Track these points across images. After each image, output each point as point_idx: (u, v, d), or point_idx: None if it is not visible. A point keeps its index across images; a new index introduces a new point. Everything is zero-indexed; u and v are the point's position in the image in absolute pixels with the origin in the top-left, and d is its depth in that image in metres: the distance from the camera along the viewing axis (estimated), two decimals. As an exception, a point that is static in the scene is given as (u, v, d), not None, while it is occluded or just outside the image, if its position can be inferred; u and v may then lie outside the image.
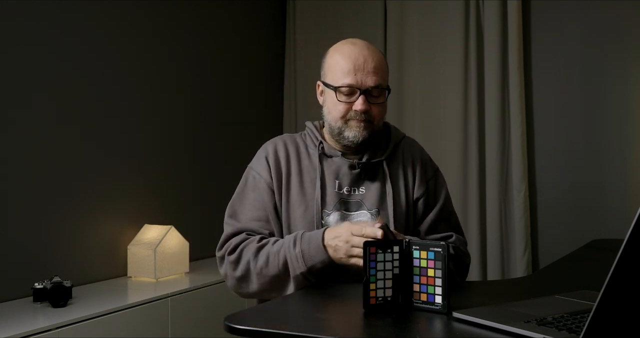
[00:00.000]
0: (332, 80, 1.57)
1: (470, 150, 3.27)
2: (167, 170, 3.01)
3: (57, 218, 2.48)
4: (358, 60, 1.53)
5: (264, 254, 1.47)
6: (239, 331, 1.09)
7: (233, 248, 1.52)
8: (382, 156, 1.61)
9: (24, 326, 1.95)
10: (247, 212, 1.58)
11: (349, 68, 1.53)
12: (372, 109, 1.54)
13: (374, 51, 1.57)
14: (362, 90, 1.52)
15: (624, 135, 3.05)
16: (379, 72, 1.54)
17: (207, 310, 2.60)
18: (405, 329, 1.05)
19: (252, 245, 1.50)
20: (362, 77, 1.52)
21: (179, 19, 3.10)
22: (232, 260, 1.51)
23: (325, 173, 1.58)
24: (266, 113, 3.74)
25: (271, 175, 1.59)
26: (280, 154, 1.62)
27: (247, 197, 1.60)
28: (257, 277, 1.48)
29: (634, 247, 0.82)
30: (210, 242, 3.15)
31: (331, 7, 3.68)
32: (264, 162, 1.61)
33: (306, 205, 1.56)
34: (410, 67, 3.45)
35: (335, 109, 1.56)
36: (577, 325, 1.00)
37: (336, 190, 1.57)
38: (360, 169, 1.58)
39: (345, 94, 1.54)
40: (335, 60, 1.57)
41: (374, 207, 1.57)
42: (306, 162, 1.61)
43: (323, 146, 1.61)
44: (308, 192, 1.57)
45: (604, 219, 3.04)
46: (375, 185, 1.59)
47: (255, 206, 1.58)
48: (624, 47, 3.05)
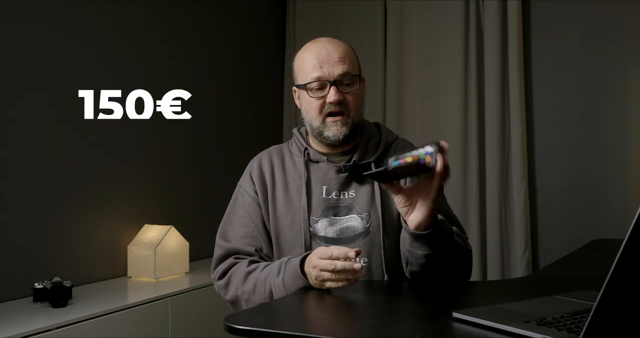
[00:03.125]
0: (302, 80, 1.56)
1: (470, 150, 3.27)
2: (167, 171, 3.01)
3: (57, 218, 2.48)
4: (321, 54, 1.53)
5: (252, 281, 1.47)
6: (239, 331, 1.09)
7: (222, 274, 1.55)
8: (371, 158, 1.58)
9: (24, 326, 1.95)
10: (235, 230, 1.59)
11: (314, 63, 1.52)
12: (346, 99, 1.53)
13: (338, 43, 1.57)
14: (332, 81, 1.51)
15: (624, 135, 3.05)
16: (346, 60, 1.53)
17: (207, 310, 2.60)
18: (405, 329, 1.05)
19: (240, 270, 1.51)
20: (328, 68, 1.51)
21: (178, 19, 3.10)
22: (221, 285, 1.54)
23: (312, 180, 1.57)
24: (266, 113, 3.74)
25: (256, 190, 1.60)
26: (264, 167, 1.62)
27: (236, 215, 1.61)
28: (245, 302, 1.50)
29: (634, 247, 0.82)
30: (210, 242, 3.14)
31: (331, 7, 3.69)
32: (248, 178, 1.63)
33: (293, 214, 1.55)
34: (410, 67, 3.45)
35: (310, 107, 1.55)
36: (577, 325, 1.00)
37: (324, 196, 1.56)
38: (348, 172, 1.56)
39: (316, 88, 1.53)
40: (301, 59, 1.57)
41: (364, 210, 1.54)
42: (291, 170, 1.61)
43: (308, 152, 1.60)
44: (294, 201, 1.57)
45: (604, 219, 3.04)
46: (364, 187, 1.56)
47: (243, 223, 1.59)
48: (624, 47, 3.05)
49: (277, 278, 1.42)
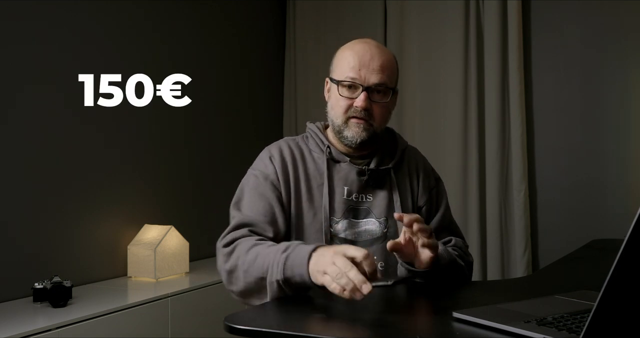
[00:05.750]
0: (337, 75, 1.55)
1: (470, 150, 3.27)
2: (167, 170, 3.01)
3: (57, 218, 2.48)
4: (364, 57, 1.51)
5: (254, 252, 1.37)
6: (239, 331, 1.09)
7: (230, 241, 1.45)
8: (390, 163, 1.60)
9: (24, 326, 1.95)
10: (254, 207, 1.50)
11: (354, 63, 1.51)
12: (373, 108, 1.52)
13: (384, 51, 1.56)
14: (365, 86, 1.50)
15: (624, 135, 3.05)
16: (385, 71, 1.52)
17: (207, 310, 2.60)
18: (405, 329, 1.05)
19: (248, 241, 1.42)
20: (366, 74, 1.50)
21: (178, 19, 3.10)
22: (225, 252, 1.44)
23: (334, 179, 1.55)
24: (266, 113, 3.74)
25: (277, 175, 1.53)
26: (286, 156, 1.57)
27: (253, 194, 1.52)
28: (243, 274, 1.39)
29: (634, 247, 0.82)
30: (210, 242, 3.14)
31: (331, 7, 3.69)
32: (268, 162, 1.56)
33: (314, 212, 1.53)
34: (410, 67, 3.44)
35: (337, 104, 1.54)
36: (577, 325, 1.00)
37: (345, 197, 1.55)
38: (368, 176, 1.56)
39: (347, 88, 1.52)
40: (344, 55, 1.56)
41: (382, 215, 1.55)
42: (312, 166, 1.57)
43: (330, 150, 1.58)
44: (316, 199, 1.54)
45: (604, 219, 3.04)
46: (382, 193, 1.57)
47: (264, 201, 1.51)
48: (624, 47, 3.05)
49: (281, 254, 1.31)
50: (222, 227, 1.61)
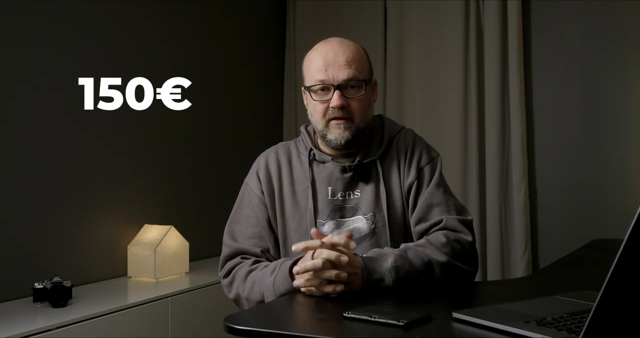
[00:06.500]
0: (307, 81, 1.54)
1: (470, 150, 3.27)
2: (167, 170, 3.01)
3: (57, 218, 2.48)
4: (328, 56, 1.49)
5: (251, 280, 1.46)
6: (239, 331, 1.09)
7: (227, 272, 1.54)
8: (375, 155, 1.55)
9: (24, 326, 1.95)
10: (243, 229, 1.57)
11: (320, 65, 1.49)
12: (350, 105, 1.49)
13: (348, 45, 1.53)
14: (336, 85, 1.48)
15: (624, 135, 3.05)
16: (353, 65, 1.49)
17: (207, 310, 2.60)
18: (405, 329, 1.05)
19: (243, 269, 1.50)
20: (333, 72, 1.48)
21: (178, 19, 3.10)
22: (226, 283, 1.54)
23: (317, 181, 1.54)
24: (266, 113, 3.74)
25: (262, 190, 1.57)
26: (271, 166, 1.59)
27: (243, 213, 1.59)
28: (246, 301, 1.49)
29: (633, 247, 0.82)
30: (210, 242, 3.16)
31: (331, 7, 3.68)
32: (255, 177, 1.60)
33: (300, 216, 1.53)
34: (410, 67, 3.44)
35: (315, 110, 1.52)
36: (577, 326, 1.00)
37: (329, 198, 1.53)
38: (353, 172, 1.53)
39: (320, 91, 1.50)
40: (309, 60, 1.55)
41: (369, 211, 1.52)
42: (299, 171, 1.58)
43: (314, 153, 1.57)
44: (301, 203, 1.54)
45: (604, 219, 3.04)
46: (369, 187, 1.53)
47: (251, 223, 1.57)
48: (624, 47, 3.05)
49: (269, 278, 1.40)
50: (222, 227, 1.62)
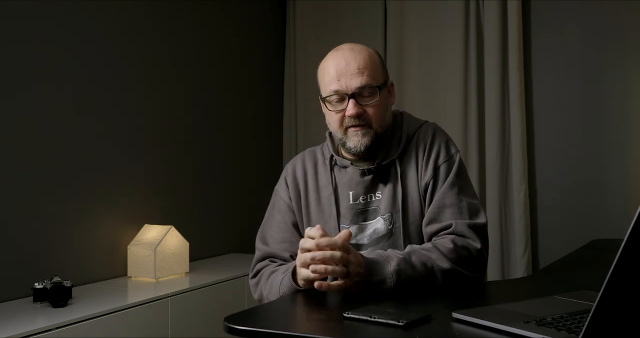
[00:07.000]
0: (323, 92, 1.54)
1: (470, 150, 3.27)
2: (167, 170, 3.01)
3: (57, 218, 2.48)
4: (340, 65, 1.49)
5: (271, 281, 1.50)
6: (239, 331, 1.09)
7: (255, 273, 1.58)
8: (394, 155, 1.54)
9: (24, 326, 1.95)
10: (274, 234, 1.60)
11: (332, 75, 1.49)
12: (366, 111, 1.49)
13: (359, 51, 1.51)
14: (350, 94, 1.48)
15: (624, 135, 3.05)
16: (365, 71, 1.48)
17: (207, 310, 2.60)
18: (405, 329, 1.05)
19: (267, 270, 1.54)
20: (346, 81, 1.48)
21: (178, 19, 3.10)
22: (252, 284, 1.59)
23: (339, 186, 1.56)
24: (266, 113, 3.74)
25: (290, 196, 1.61)
26: (298, 173, 1.63)
27: (274, 219, 1.63)
28: (266, 300, 1.50)
29: (633, 247, 0.82)
30: (210, 242, 3.16)
31: (331, 7, 3.69)
32: (284, 184, 1.64)
33: (325, 223, 1.55)
34: (410, 67, 3.45)
35: (332, 120, 1.53)
36: (577, 326, 1.00)
37: (351, 202, 1.54)
38: (373, 174, 1.54)
39: (335, 102, 1.51)
40: (322, 70, 1.55)
41: (387, 211, 1.52)
42: (323, 177, 1.60)
43: (335, 159, 1.59)
44: (326, 209, 1.57)
45: (604, 219, 3.04)
46: (388, 187, 1.53)
47: (281, 227, 1.60)
48: (624, 47, 3.05)
49: (280, 277, 1.45)
50: (222, 227, 1.62)
